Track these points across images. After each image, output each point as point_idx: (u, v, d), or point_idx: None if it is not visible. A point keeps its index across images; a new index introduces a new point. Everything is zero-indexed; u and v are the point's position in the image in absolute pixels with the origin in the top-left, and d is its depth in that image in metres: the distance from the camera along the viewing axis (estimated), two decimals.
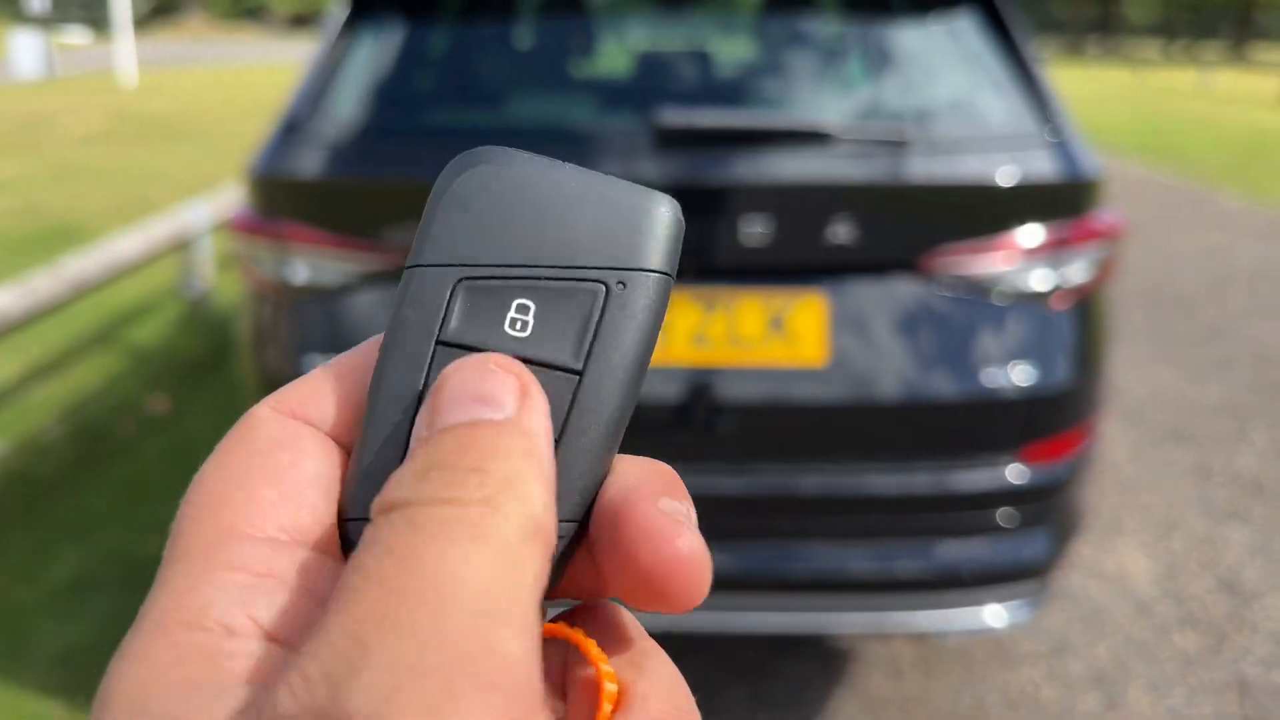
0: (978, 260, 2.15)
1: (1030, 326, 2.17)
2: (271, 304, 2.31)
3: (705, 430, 2.14)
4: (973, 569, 2.26)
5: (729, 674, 2.97)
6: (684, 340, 2.12)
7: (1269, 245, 8.31)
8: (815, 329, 2.11)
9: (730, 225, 2.06)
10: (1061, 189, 2.14)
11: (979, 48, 2.32)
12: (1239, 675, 2.96)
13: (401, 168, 2.15)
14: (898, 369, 2.11)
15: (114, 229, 8.65)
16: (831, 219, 2.08)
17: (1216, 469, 4.26)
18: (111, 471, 4.29)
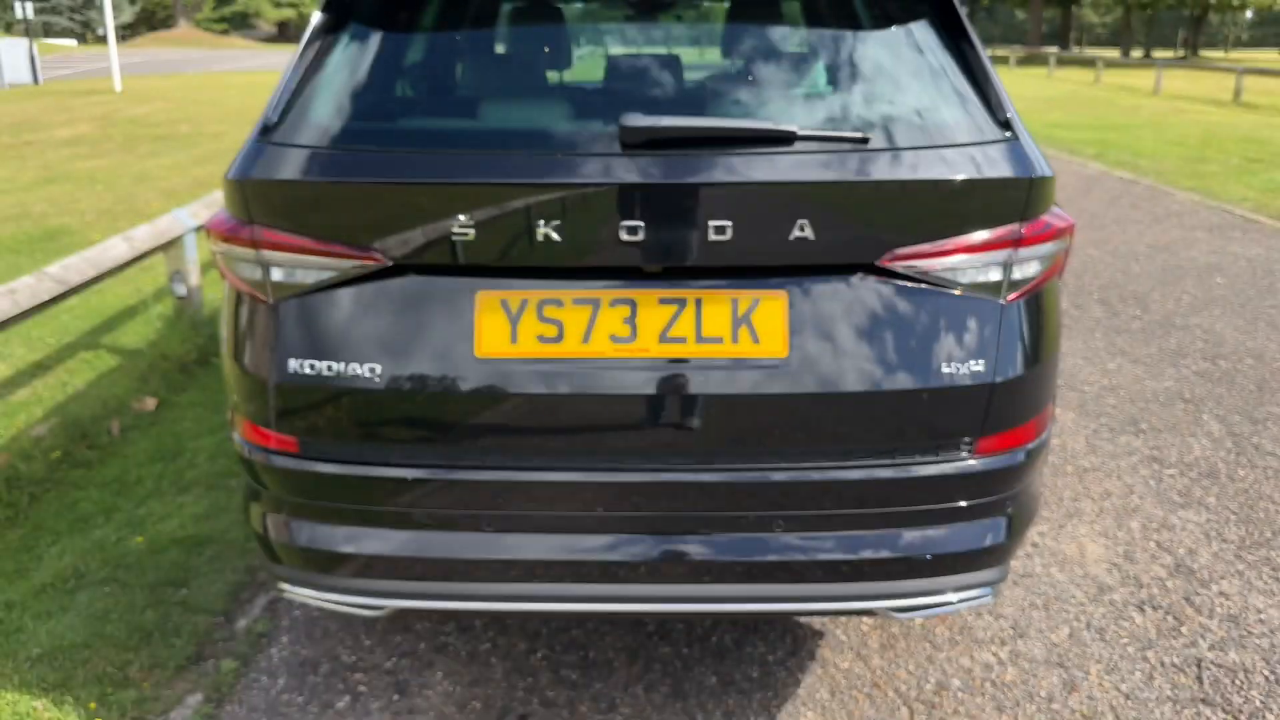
0: (933, 259, 2.19)
1: (983, 321, 2.21)
2: (249, 307, 2.29)
3: (675, 419, 2.18)
4: (934, 554, 2.28)
5: (699, 657, 2.98)
6: (653, 336, 2.16)
7: (1220, 239, 8.46)
8: (777, 324, 2.16)
9: (696, 226, 2.11)
10: (1014, 189, 2.18)
11: (936, 55, 2.35)
12: (1196, 656, 3.01)
13: (375, 172, 2.15)
14: (855, 362, 2.17)
15: (102, 232, 8.57)
16: (793, 219, 2.13)
17: (1172, 457, 4.33)
18: (99, 470, 4.22)
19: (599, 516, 2.25)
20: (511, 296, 2.18)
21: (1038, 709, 2.79)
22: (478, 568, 2.28)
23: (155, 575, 3.40)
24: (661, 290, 2.18)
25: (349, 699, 2.83)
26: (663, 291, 2.17)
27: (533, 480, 2.21)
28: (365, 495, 2.26)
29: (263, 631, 3.13)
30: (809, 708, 2.80)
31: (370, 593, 2.34)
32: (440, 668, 2.96)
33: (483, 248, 2.14)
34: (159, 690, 2.87)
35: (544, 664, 2.97)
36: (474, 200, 2.12)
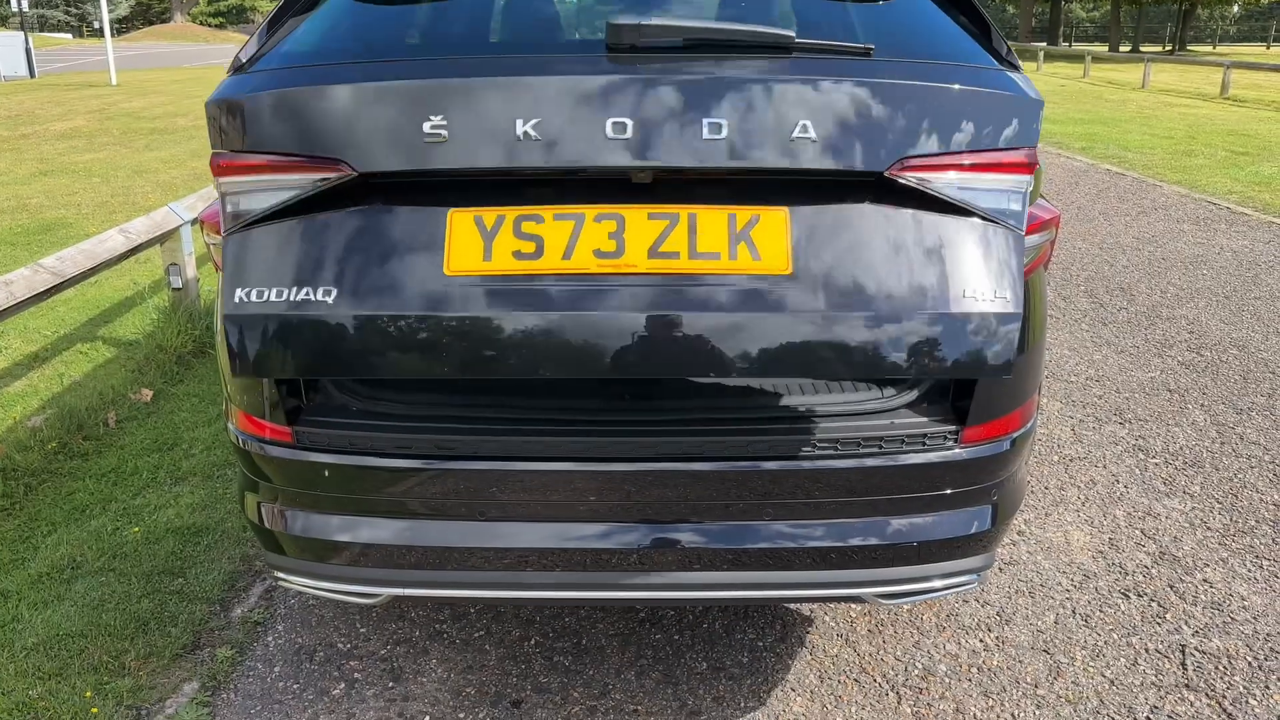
0: (944, 172, 2.07)
1: (998, 246, 2.09)
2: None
3: (666, 339, 2.01)
4: (920, 541, 2.32)
5: (690, 643, 3.01)
6: (642, 251, 2.01)
7: (1206, 232, 8.53)
8: (779, 240, 2.03)
9: (688, 124, 1.97)
10: (1023, 111, 2.11)
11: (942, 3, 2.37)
12: (1180, 642, 3.06)
13: (342, 78, 2.04)
14: (863, 281, 2.02)
15: (98, 225, 8.57)
16: (792, 120, 1.99)
17: (1157, 446, 4.39)
18: (95, 461, 4.23)
19: (591, 504, 2.28)
20: (486, 214, 2.03)
21: (1023, 694, 2.84)
22: (472, 556, 2.31)
23: (151, 565, 3.42)
24: (652, 206, 2.03)
25: (344, 686, 2.87)
26: (653, 207, 2.03)
27: (526, 470, 2.24)
28: (360, 484, 2.29)
29: (259, 620, 3.16)
30: (798, 693, 2.84)
31: (366, 581, 2.37)
32: (435, 654, 2.99)
33: (457, 152, 1.99)
34: (155, 679, 2.90)
35: (537, 650, 3.00)
36: (447, 99, 1.97)
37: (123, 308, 6.41)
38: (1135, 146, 14.18)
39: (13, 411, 4.73)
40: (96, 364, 5.39)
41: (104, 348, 5.67)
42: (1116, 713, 2.76)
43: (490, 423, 2.28)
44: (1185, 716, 2.75)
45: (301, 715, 2.76)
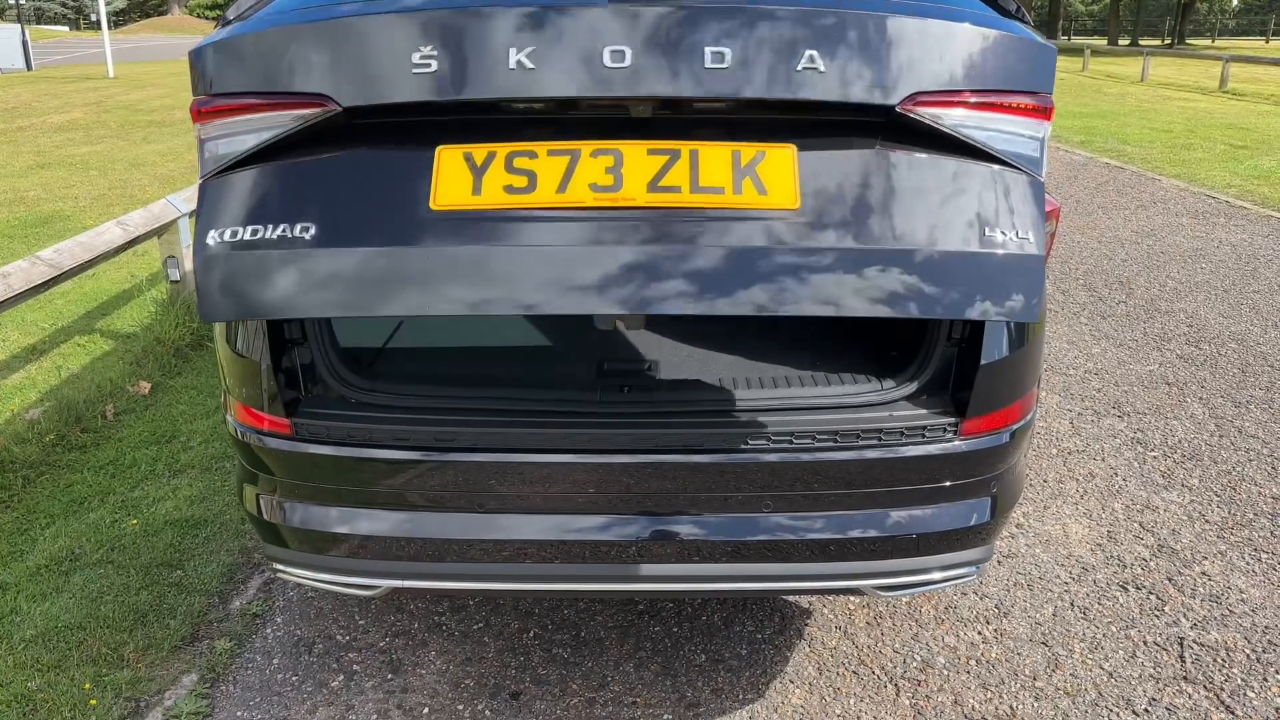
0: (956, 109, 1.99)
1: (1010, 189, 2.00)
2: None
3: (668, 276, 1.87)
4: (920, 533, 2.32)
5: (689, 635, 3.02)
6: (641, 185, 1.92)
7: (1205, 225, 8.53)
8: (786, 175, 1.94)
9: (690, 52, 1.88)
10: (1037, 58, 2.05)
11: None
12: (1179, 635, 3.06)
13: (326, 14, 1.97)
14: (873, 218, 1.93)
15: (96, 218, 8.57)
16: (799, 50, 1.91)
17: (1156, 439, 4.39)
18: (93, 454, 4.23)
19: (589, 496, 2.27)
20: (476, 150, 1.95)
21: (1022, 686, 2.84)
22: (471, 548, 2.31)
23: (150, 557, 3.42)
24: (652, 141, 1.94)
25: (343, 678, 2.87)
26: (653, 143, 1.94)
27: (524, 462, 2.24)
28: (358, 476, 2.29)
29: (257, 612, 3.16)
30: (796, 685, 2.84)
31: (365, 573, 2.37)
32: (434, 646, 2.99)
33: (446, 84, 1.91)
34: (154, 671, 2.90)
35: (536, 643, 3.01)
36: (436, 27, 1.90)
37: (120, 300, 6.41)
38: (1134, 140, 14.17)
39: (10, 404, 4.73)
40: (94, 356, 5.39)
41: (102, 340, 5.66)
42: (1115, 705, 2.77)
43: (488, 414, 2.28)
44: (1183, 709, 2.75)
45: (300, 707, 2.76)
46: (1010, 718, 2.73)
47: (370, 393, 2.33)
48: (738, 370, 2.57)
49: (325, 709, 2.75)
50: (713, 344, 2.79)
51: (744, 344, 2.79)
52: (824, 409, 2.28)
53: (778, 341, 2.81)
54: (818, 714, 2.74)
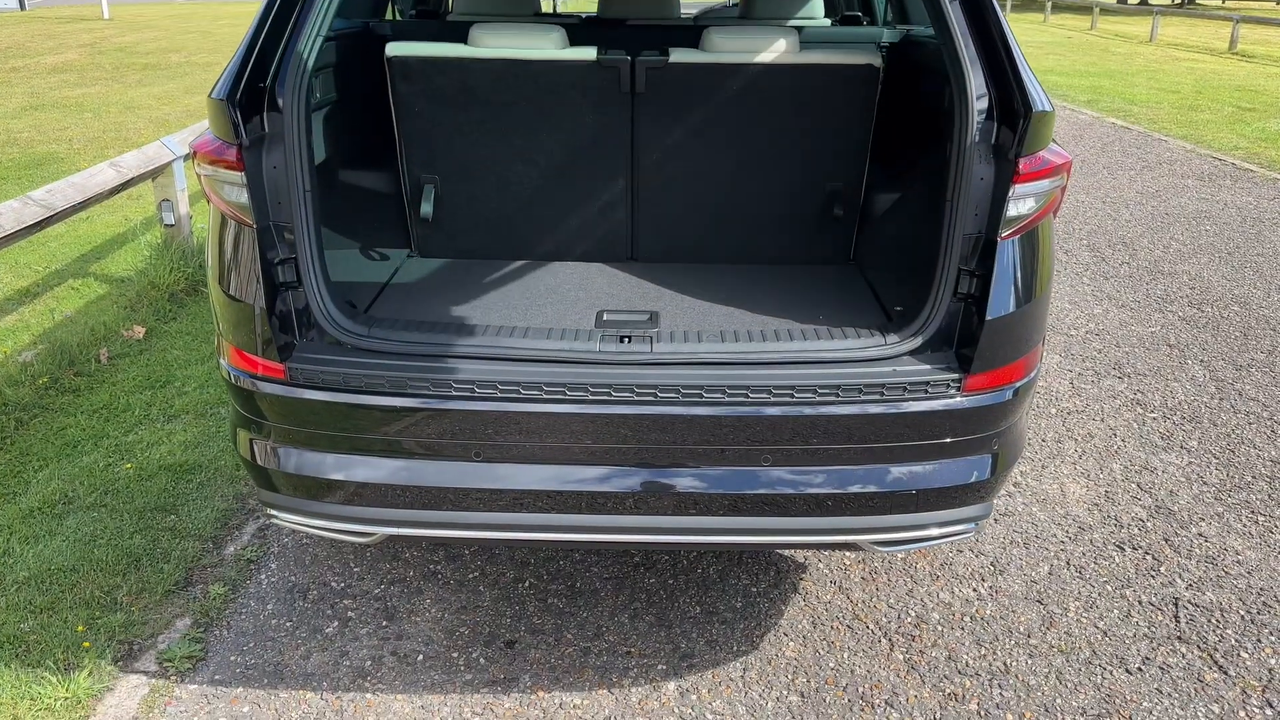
0: None
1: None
2: (235, 232, 2.27)
3: None
4: (919, 489, 2.30)
5: (684, 587, 3.01)
6: None
7: (1210, 187, 8.46)
8: None
9: None
10: None
11: None
12: (1173, 595, 3.06)
13: None
14: None
15: (90, 160, 8.48)
16: None
17: (1156, 401, 4.37)
18: (87, 397, 4.20)
19: (588, 447, 2.25)
20: None
21: (1016, 643, 2.84)
22: (468, 497, 2.29)
23: (144, 501, 3.41)
24: None
25: (337, 624, 2.86)
26: None
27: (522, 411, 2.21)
28: (353, 423, 2.26)
29: (252, 558, 3.15)
30: (790, 638, 2.84)
31: (360, 520, 2.35)
32: (429, 594, 2.99)
33: None
34: (147, 614, 2.89)
35: (531, 592, 3.00)
36: None
37: (115, 244, 6.35)
38: (1141, 101, 14.02)
39: (3, 346, 4.69)
40: (89, 300, 5.34)
41: (96, 284, 5.61)
42: (1108, 663, 2.77)
43: (484, 363, 2.24)
44: (1176, 668, 2.75)
45: (294, 653, 2.76)
46: (1004, 673, 2.73)
47: (365, 338, 2.29)
48: (740, 323, 2.54)
49: (319, 654, 2.75)
50: (715, 295, 2.76)
51: (747, 295, 2.76)
52: (826, 363, 2.26)
53: (781, 294, 2.78)
54: (811, 667, 2.74)
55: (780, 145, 2.97)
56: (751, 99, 2.88)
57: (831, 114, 2.91)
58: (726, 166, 3.00)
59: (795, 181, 3.01)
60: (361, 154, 3.04)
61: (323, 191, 2.81)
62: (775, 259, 3.09)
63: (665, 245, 3.10)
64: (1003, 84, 2.23)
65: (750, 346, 2.30)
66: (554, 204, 3.03)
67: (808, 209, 3.04)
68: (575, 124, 2.92)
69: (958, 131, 2.25)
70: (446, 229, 3.06)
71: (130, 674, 2.68)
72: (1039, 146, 2.22)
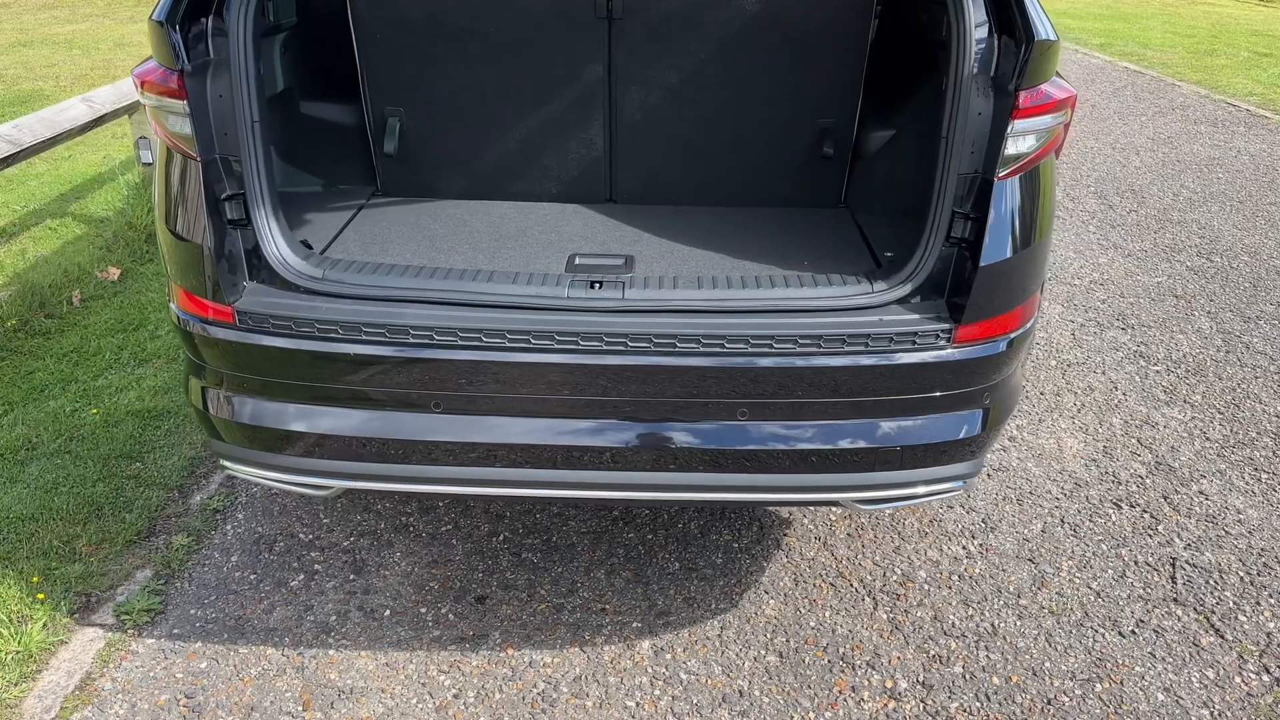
0: None
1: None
2: (181, 165, 2.13)
3: None
4: (905, 445, 2.18)
5: (664, 543, 2.91)
6: None
7: (1224, 134, 8.23)
8: None
9: None
10: None
11: None
12: (1170, 555, 2.95)
13: None
14: None
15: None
16: None
17: (1159, 353, 4.23)
18: (57, 340, 4.07)
19: (561, 399, 2.13)
20: None
21: (1005, 604, 2.74)
22: (428, 450, 2.17)
23: (109, 448, 3.30)
24: None
25: (303, 577, 2.77)
26: None
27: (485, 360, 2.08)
28: (306, 370, 2.14)
29: (218, 508, 3.05)
30: (771, 595, 2.74)
31: (315, 473, 2.23)
32: (399, 548, 2.89)
33: None
34: (106, 565, 2.80)
35: (505, 546, 2.90)
36: None
37: (95, 184, 6.19)
38: (1155, 44, 13.68)
39: None
40: (65, 240, 5.20)
41: (73, 224, 5.47)
42: (1100, 626, 2.67)
43: (445, 308, 2.11)
44: (1171, 632, 2.65)
45: (257, 606, 2.66)
46: (991, 635, 2.63)
47: (319, 281, 2.16)
48: (719, 269, 2.41)
49: (283, 608, 2.66)
50: (695, 239, 2.62)
51: (730, 240, 2.61)
52: (808, 311, 2.12)
53: (766, 239, 2.64)
54: (792, 625, 2.64)
55: (768, 77, 2.80)
56: (737, 25, 2.70)
57: (823, 43, 2.73)
58: (710, 100, 2.83)
59: (783, 117, 2.84)
60: (324, 84, 2.88)
61: (283, 124, 2.66)
62: (761, 201, 2.94)
63: (644, 185, 2.95)
64: (1004, 10, 2.07)
65: (728, 294, 2.17)
66: (527, 140, 2.87)
67: (797, 147, 2.87)
68: (547, 52, 2.75)
69: (955, 62, 2.10)
70: (412, 166, 2.91)
71: (86, 627, 2.59)
72: (1041, 79, 2.07)
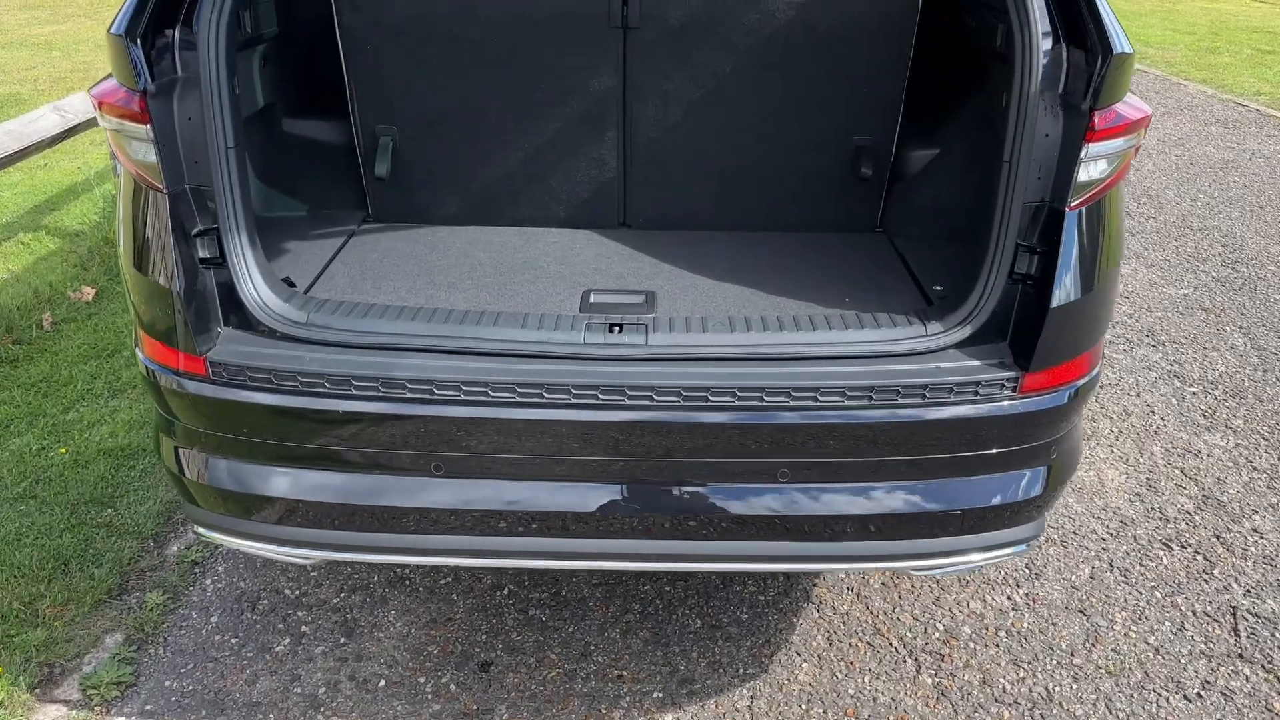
0: None
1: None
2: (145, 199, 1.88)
3: None
4: (965, 508, 1.94)
5: (683, 596, 2.67)
6: None
7: (1236, 135, 8.03)
8: None
9: None
10: None
11: None
12: (1230, 603, 2.73)
13: None
14: None
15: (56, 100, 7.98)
16: None
17: (1194, 373, 4.01)
18: (25, 369, 3.80)
19: (570, 460, 1.89)
20: None
21: (1058, 664, 2.51)
22: (425, 518, 1.93)
23: (78, 492, 3.05)
24: None
25: (289, 641, 2.52)
26: None
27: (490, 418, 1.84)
28: (288, 429, 1.90)
29: (196, 559, 2.80)
30: (804, 657, 2.51)
31: (298, 542, 1.99)
32: (395, 605, 2.65)
33: None
34: (73, 629, 2.54)
35: (510, 602, 2.66)
36: None
37: (71, 194, 5.90)
38: (1156, 42, 13.49)
39: None
40: (37, 256, 4.93)
41: (47, 238, 5.19)
42: (1163, 688, 2.44)
43: (444, 357, 1.87)
44: (1240, 694, 2.43)
45: (239, 676, 2.42)
46: (1046, 701, 2.40)
47: (302, 326, 1.91)
48: (751, 306, 2.17)
49: (267, 678, 2.41)
50: (721, 271, 2.38)
51: (760, 271, 2.37)
52: (857, 358, 1.88)
53: (799, 269, 2.40)
54: (829, 693, 2.41)
55: (799, 91, 2.55)
56: (765, 34, 2.46)
57: (859, 54, 2.49)
58: (735, 116, 2.58)
59: (816, 135, 2.60)
60: (310, 100, 2.63)
61: (263, 144, 2.41)
62: (789, 226, 2.70)
63: (663, 209, 2.70)
64: (1073, 18, 1.84)
65: (764, 338, 1.93)
66: (532, 160, 2.62)
67: (830, 167, 2.63)
68: (556, 64, 2.50)
69: (1018, 77, 1.86)
70: (406, 189, 2.66)
71: (48, 703, 2.34)
72: (1116, 97, 1.84)
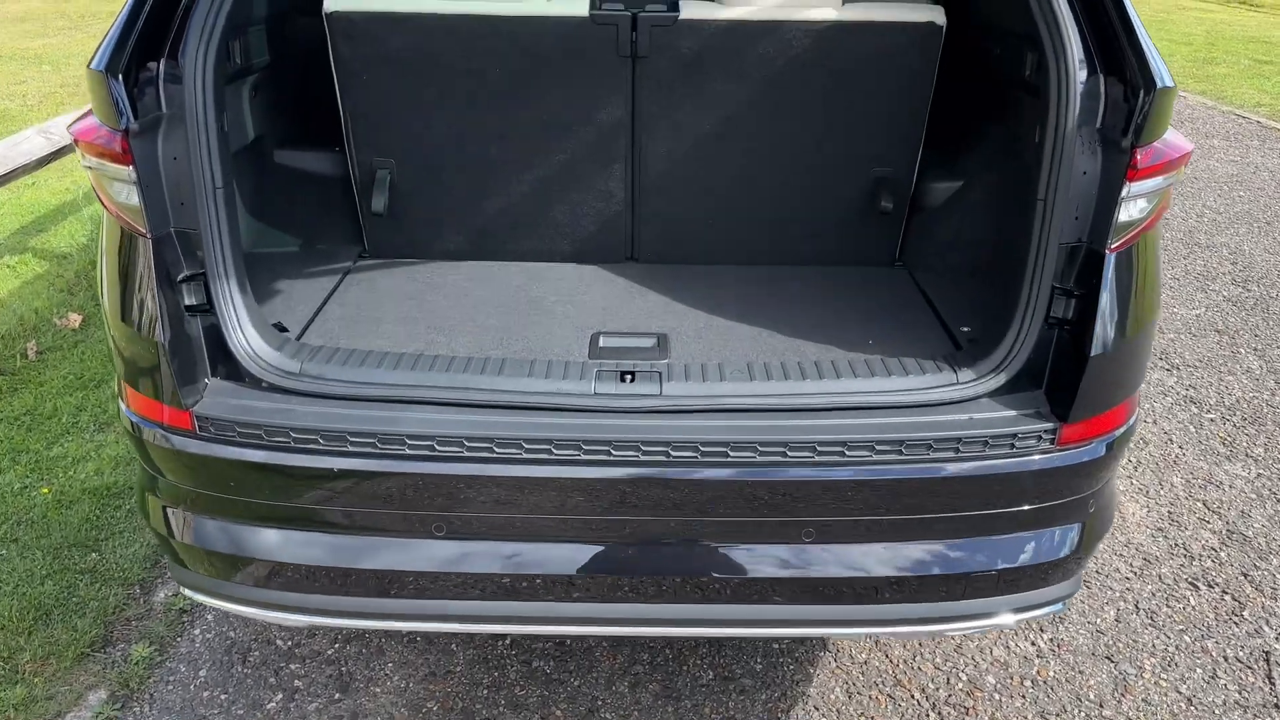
0: None
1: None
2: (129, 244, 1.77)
3: None
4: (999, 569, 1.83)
5: (693, 646, 2.56)
6: None
7: (1239, 148, 7.95)
8: None
9: None
10: None
11: None
12: (1263, 648, 2.62)
13: None
14: None
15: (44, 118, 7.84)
16: None
17: (1211, 398, 3.91)
18: (7, 402, 3.67)
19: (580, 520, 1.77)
20: None
21: (1086, 716, 2.40)
22: (426, 582, 1.81)
23: (61, 535, 2.92)
24: None
25: (282, 698, 2.40)
26: None
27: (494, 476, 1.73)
28: (280, 487, 1.78)
29: (184, 607, 2.68)
30: (822, 712, 2.40)
31: (290, 608, 1.87)
32: (392, 657, 2.53)
33: None
34: (53, 686, 2.42)
35: (513, 653, 2.54)
36: None
37: (59, 214, 5.78)
38: None
39: None
40: (23, 281, 4.80)
41: (34, 261, 5.06)
42: None
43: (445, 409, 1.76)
44: None
45: None
46: None
47: (294, 378, 1.80)
48: (770, 350, 2.06)
49: None
50: (737, 310, 2.27)
51: (777, 310, 2.27)
52: (885, 408, 1.78)
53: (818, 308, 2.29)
54: None
55: (816, 121, 2.45)
56: (780, 65, 2.36)
57: (880, 84, 2.38)
58: (749, 147, 2.48)
59: (833, 166, 2.49)
60: (303, 131, 2.52)
61: (254, 178, 2.30)
62: (805, 259, 2.59)
63: (672, 243, 2.59)
64: (1111, 49, 1.74)
65: (787, 387, 1.82)
66: (536, 194, 2.51)
67: (848, 200, 2.52)
68: (562, 96, 2.40)
69: (1054, 111, 1.76)
70: (404, 224, 2.55)
71: None
72: (1158, 134, 1.73)
